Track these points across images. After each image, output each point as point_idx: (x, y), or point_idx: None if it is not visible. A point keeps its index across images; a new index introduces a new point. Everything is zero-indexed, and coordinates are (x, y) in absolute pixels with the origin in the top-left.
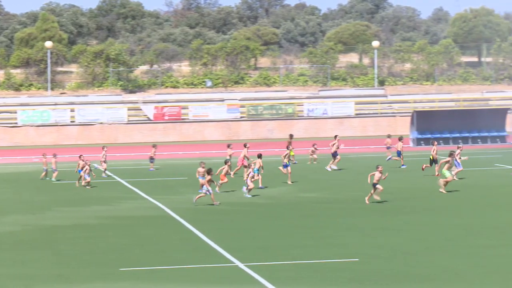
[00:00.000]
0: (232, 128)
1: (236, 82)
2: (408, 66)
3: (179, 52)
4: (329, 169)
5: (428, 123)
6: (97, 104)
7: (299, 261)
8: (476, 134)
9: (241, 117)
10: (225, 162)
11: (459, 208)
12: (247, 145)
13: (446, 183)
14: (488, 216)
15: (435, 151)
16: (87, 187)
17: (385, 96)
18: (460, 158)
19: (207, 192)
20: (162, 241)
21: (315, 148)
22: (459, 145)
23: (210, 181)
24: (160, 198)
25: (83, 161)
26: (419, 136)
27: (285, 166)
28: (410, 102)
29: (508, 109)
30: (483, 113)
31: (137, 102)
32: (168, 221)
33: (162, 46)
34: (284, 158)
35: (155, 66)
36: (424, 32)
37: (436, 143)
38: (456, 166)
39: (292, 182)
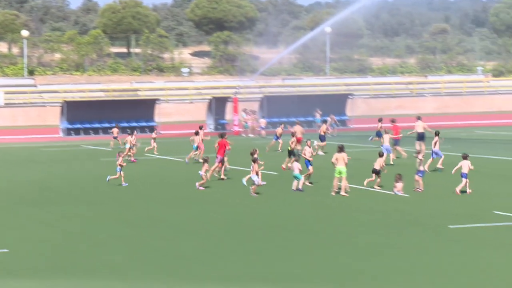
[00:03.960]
0: None
1: None
2: (58, 56)
3: None
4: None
5: (77, 114)
6: None
7: None
8: (126, 124)
9: None
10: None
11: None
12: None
13: None
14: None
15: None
16: None
17: (35, 86)
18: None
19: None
20: None
21: (156, 133)
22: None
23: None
24: None
25: None
26: (69, 126)
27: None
28: (60, 92)
29: (157, 99)
30: (131, 103)
31: None
32: None
33: None
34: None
35: None
36: (74, 22)
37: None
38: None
39: None
